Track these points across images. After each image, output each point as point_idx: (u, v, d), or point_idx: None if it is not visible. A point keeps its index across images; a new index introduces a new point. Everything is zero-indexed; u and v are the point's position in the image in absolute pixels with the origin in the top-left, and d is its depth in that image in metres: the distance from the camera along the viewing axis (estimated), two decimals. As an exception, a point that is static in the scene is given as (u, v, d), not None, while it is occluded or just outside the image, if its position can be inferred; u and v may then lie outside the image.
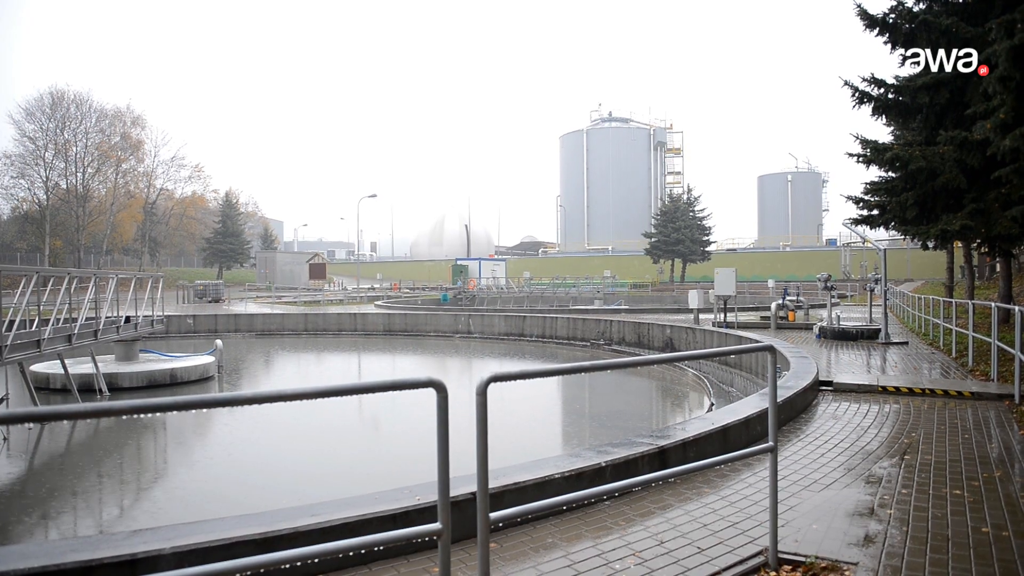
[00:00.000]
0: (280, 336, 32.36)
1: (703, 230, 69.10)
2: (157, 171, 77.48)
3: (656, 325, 24.29)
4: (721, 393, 16.50)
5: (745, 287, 44.19)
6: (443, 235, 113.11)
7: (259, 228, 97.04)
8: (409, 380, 2.65)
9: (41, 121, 67.57)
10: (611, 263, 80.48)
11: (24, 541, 8.41)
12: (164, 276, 25.20)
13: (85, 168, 70.33)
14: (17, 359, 13.01)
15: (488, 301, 46.79)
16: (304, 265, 75.28)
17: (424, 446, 11.77)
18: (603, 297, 45.94)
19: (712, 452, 6.29)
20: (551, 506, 3.46)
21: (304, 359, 26.95)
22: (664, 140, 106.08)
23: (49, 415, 2.26)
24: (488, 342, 29.49)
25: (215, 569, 2.40)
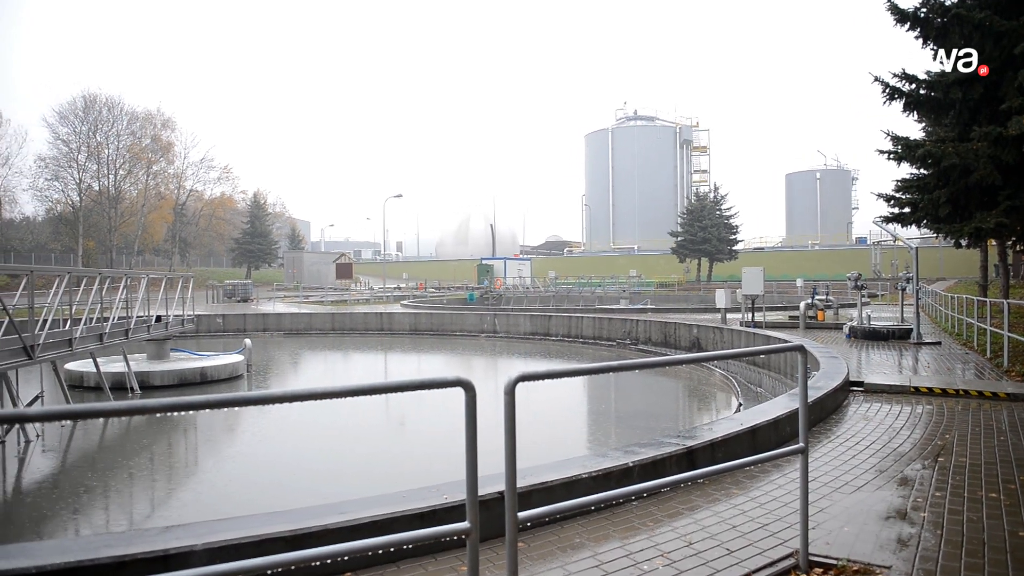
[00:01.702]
0: (308, 335, 32.64)
1: (730, 229, 68.46)
2: (187, 172, 78.62)
3: (683, 325, 24.13)
4: (749, 393, 16.34)
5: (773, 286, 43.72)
6: (468, 235, 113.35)
7: (287, 228, 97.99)
8: (438, 379, 2.66)
9: (74, 124, 68.91)
10: (637, 262, 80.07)
11: (58, 536, 8.58)
12: (194, 276, 25.54)
13: (117, 170, 71.55)
14: (50, 358, 13.26)
15: (514, 301, 46.80)
16: (331, 265, 75.86)
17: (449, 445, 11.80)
18: (629, 296, 45.78)
19: (741, 453, 6.23)
20: (579, 506, 3.45)
21: (331, 358, 27.16)
22: (690, 138, 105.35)
23: (82, 413, 2.30)
24: (514, 341, 29.50)
25: (246, 566, 2.42)
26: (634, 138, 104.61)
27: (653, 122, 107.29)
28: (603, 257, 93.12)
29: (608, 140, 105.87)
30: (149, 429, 13.81)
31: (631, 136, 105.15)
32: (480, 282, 60.78)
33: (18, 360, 11.88)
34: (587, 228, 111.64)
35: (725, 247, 67.56)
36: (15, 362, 11.82)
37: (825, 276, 55.96)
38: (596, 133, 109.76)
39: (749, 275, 21.87)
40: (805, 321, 21.95)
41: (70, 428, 13.67)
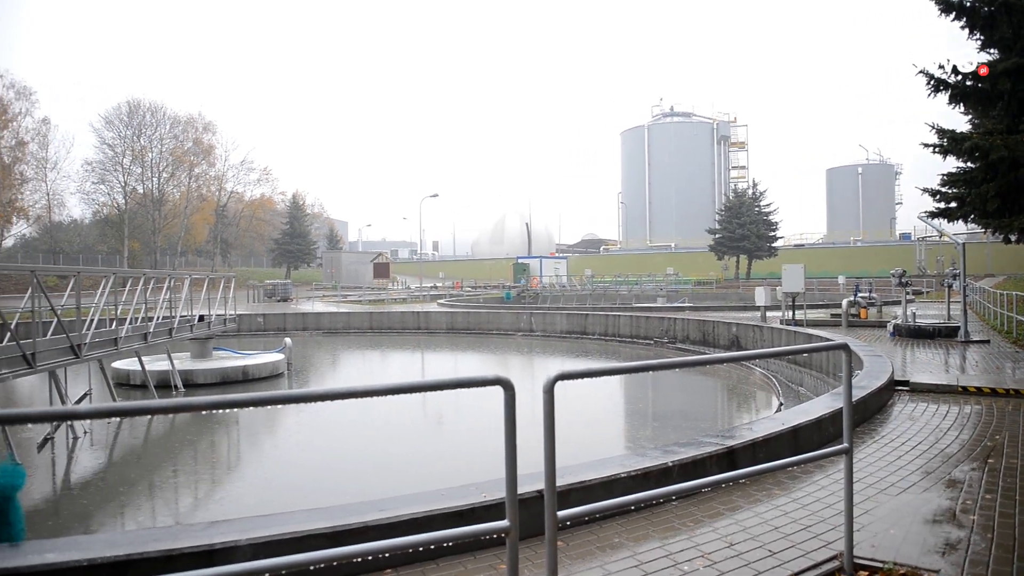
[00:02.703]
0: (346, 334, 32.98)
1: (769, 225, 67.47)
2: (227, 175, 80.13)
3: (721, 323, 23.85)
4: (790, 393, 16.10)
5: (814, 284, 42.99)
6: (504, 234, 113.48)
7: (325, 229, 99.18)
8: (477, 378, 2.66)
9: (119, 129, 70.72)
10: (674, 260, 79.43)
11: (104, 529, 8.79)
12: (235, 276, 25.97)
13: (160, 173, 73.22)
14: (96, 356, 13.60)
15: (550, 299, 46.75)
16: (368, 264, 76.58)
17: (485, 443, 11.85)
18: (666, 294, 45.45)
19: (782, 453, 6.14)
20: (618, 505, 3.42)
21: (369, 357, 27.42)
22: (728, 134, 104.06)
23: (130, 411, 2.35)
24: (550, 340, 29.47)
25: (289, 562, 2.45)
26: (670, 135, 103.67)
27: (690, 118, 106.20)
28: (640, 255, 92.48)
29: (644, 137, 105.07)
30: (193, 426, 14.08)
31: (667, 133, 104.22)
32: (516, 281, 60.85)
33: (66, 359, 12.21)
34: (623, 226, 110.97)
35: (764, 244, 66.61)
36: (63, 361, 12.15)
37: (868, 273, 54.87)
38: (632, 130, 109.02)
39: (790, 272, 21.53)
40: (847, 319, 21.54)
41: (116, 425, 13.99)
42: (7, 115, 62.24)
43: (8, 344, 10.78)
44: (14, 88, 63.14)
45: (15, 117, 63.06)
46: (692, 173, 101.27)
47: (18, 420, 2.52)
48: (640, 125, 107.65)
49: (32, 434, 12.36)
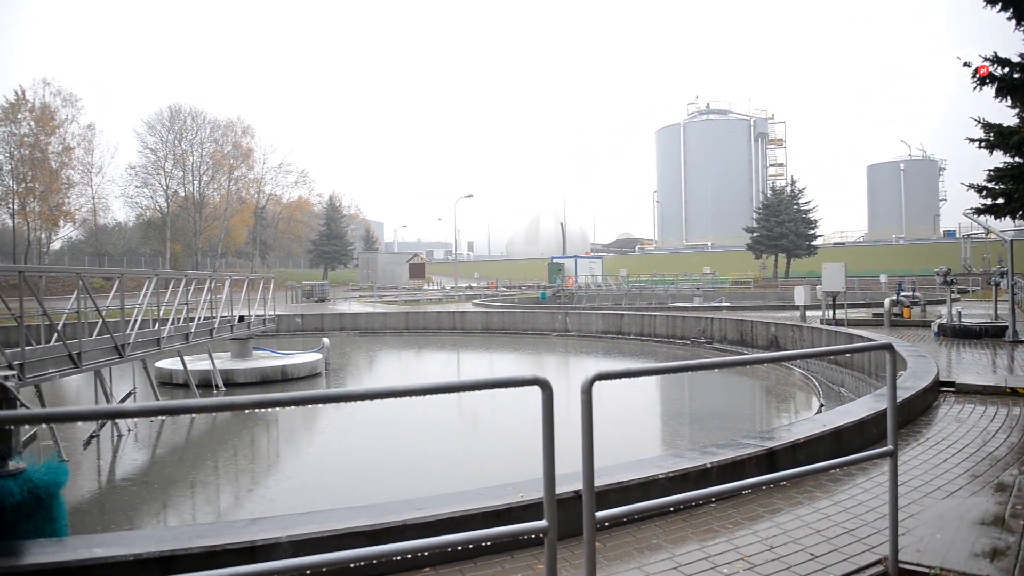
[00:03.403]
0: (382, 334, 33.25)
1: (808, 223, 66.40)
2: (266, 177, 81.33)
3: (760, 323, 23.54)
4: (831, 394, 15.83)
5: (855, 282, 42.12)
6: (538, 233, 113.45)
7: (361, 230, 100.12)
8: (515, 378, 2.66)
9: (161, 133, 72.29)
10: (710, 259, 78.60)
11: (148, 525, 8.98)
12: (274, 277, 26.35)
13: (201, 176, 74.67)
14: (140, 356, 13.91)
15: (586, 299, 46.61)
16: (404, 265, 77.10)
17: (520, 443, 11.84)
18: (703, 294, 45.00)
19: (824, 455, 6.04)
20: (657, 507, 3.40)
21: (405, 357, 27.61)
22: (765, 131, 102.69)
23: (176, 409, 2.40)
24: (585, 340, 29.37)
25: (330, 559, 2.48)
26: (707, 132, 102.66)
27: (726, 115, 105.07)
28: (675, 254, 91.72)
29: (680, 135, 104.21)
30: (233, 424, 14.31)
31: (703, 130, 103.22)
32: (551, 281, 60.74)
33: (111, 358, 12.51)
34: (659, 225, 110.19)
35: (803, 242, 65.57)
36: (108, 360, 12.45)
37: (910, 272, 53.67)
38: (667, 128, 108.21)
39: (830, 271, 21.16)
40: (890, 319, 21.10)
41: (160, 423, 14.29)
42: (54, 121, 63.93)
43: (55, 344, 11.08)
44: (60, 95, 64.85)
45: (62, 123, 64.75)
46: (729, 171, 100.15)
47: (69, 418, 2.58)
48: (676, 123, 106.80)
49: (79, 431, 12.68)
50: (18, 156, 62.08)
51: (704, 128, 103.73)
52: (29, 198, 62.58)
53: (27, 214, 63.22)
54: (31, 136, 62.55)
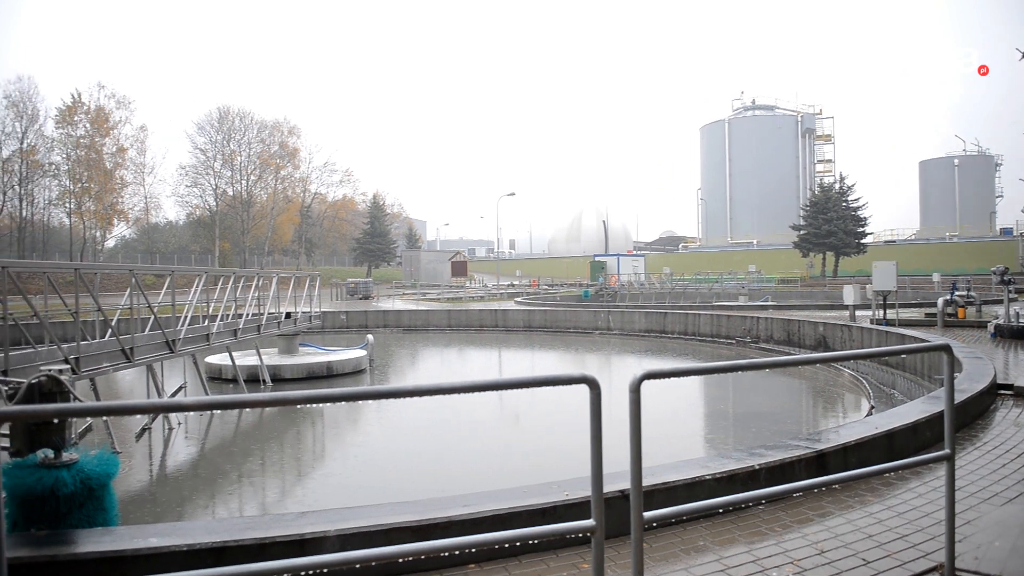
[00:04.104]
0: (425, 331, 33.48)
1: (857, 221, 64.95)
2: (311, 176, 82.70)
3: (807, 322, 23.09)
4: (881, 395, 15.45)
5: (906, 282, 41.10)
6: (581, 231, 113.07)
7: (404, 228, 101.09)
8: (563, 376, 2.65)
9: (210, 134, 74.04)
10: (756, 257, 77.42)
11: (197, 516, 9.18)
12: (320, 275, 26.71)
13: (248, 176, 76.22)
14: (190, 351, 14.24)
15: (629, 298, 46.32)
16: (446, 263, 77.59)
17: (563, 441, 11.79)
18: (748, 293, 44.37)
19: (876, 458, 5.89)
20: (706, 508, 3.36)
21: (448, 354, 27.76)
22: (813, 126, 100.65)
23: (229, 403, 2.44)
24: (628, 339, 29.16)
25: (378, 554, 2.50)
26: (752, 128, 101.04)
27: (772, 111, 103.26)
28: (720, 252, 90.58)
29: (724, 131, 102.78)
30: (280, 419, 14.55)
31: (749, 126, 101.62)
32: (594, 279, 60.48)
33: (162, 353, 12.84)
34: (703, 223, 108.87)
35: (852, 240, 64.18)
36: (159, 355, 12.78)
37: (964, 271, 52.13)
38: (712, 125, 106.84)
39: (880, 270, 20.66)
40: (944, 319, 20.51)
41: (209, 416, 14.59)
42: (108, 123, 65.91)
43: (109, 339, 11.41)
44: (115, 98, 66.83)
45: (116, 125, 66.76)
46: (775, 167, 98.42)
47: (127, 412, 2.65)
48: (720, 119, 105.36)
49: (132, 424, 13.02)
50: (74, 157, 64.16)
51: (749, 124, 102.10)
52: (85, 198, 64.64)
53: (83, 213, 65.32)
54: (87, 138, 64.58)
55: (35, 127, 62.38)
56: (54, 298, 11.64)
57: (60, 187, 65.72)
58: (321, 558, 2.35)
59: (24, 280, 12.27)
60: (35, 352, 9.87)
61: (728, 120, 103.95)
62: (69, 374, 9.40)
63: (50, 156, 64.50)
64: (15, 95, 61.05)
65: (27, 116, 61.44)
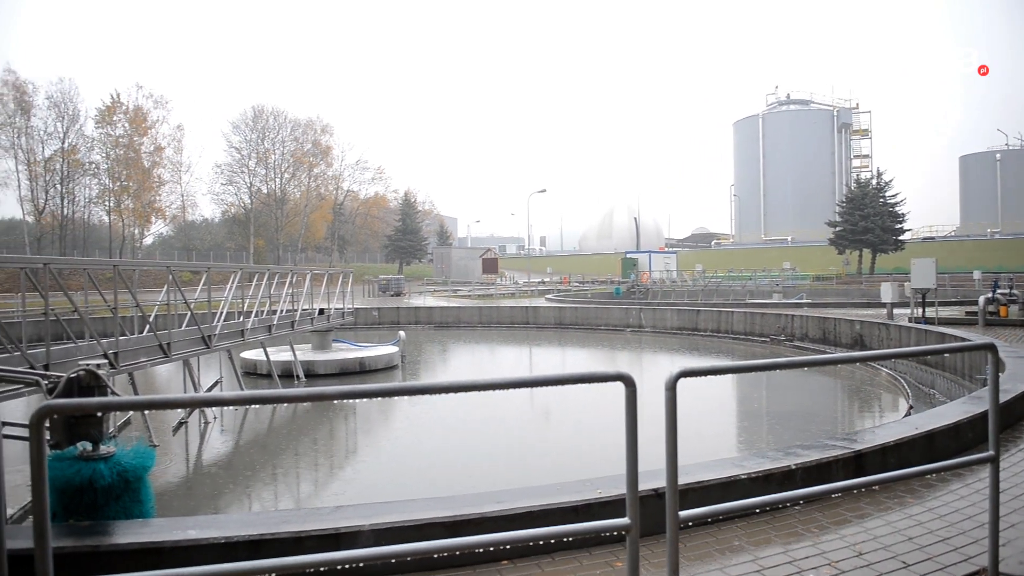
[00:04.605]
0: (456, 328, 33.59)
1: (895, 217, 63.75)
2: (344, 174, 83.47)
3: (844, 320, 22.72)
4: (921, 395, 15.16)
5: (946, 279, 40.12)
6: (612, 228, 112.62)
7: (435, 225, 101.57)
8: (599, 374, 2.64)
9: (245, 133, 75.11)
10: (790, 254, 76.46)
11: (231, 509, 9.32)
12: (352, 272, 26.94)
13: (282, 174, 77.19)
14: (225, 347, 14.45)
15: (660, 295, 46.01)
16: (477, 260, 77.77)
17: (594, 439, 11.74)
18: (783, 290, 43.82)
19: (916, 459, 5.77)
20: (742, 508, 3.32)
21: (479, 351, 27.84)
22: (849, 121, 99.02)
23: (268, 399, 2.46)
24: (660, 336, 28.96)
25: (412, 548, 2.51)
26: (787, 123, 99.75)
27: (807, 106, 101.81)
28: (754, 249, 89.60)
29: (758, 127, 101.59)
30: (313, 414, 14.71)
31: (783, 121, 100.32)
32: (626, 276, 60.19)
33: (198, 349, 13.05)
34: (736, 219, 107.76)
35: (889, 237, 63.01)
36: (195, 350, 12.98)
37: (1006, 268, 50.90)
38: (745, 120, 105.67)
39: (919, 267, 20.25)
40: (985, 317, 20.04)
41: (244, 411, 14.78)
42: (146, 123, 67.17)
43: (147, 334, 11.63)
44: (152, 98, 68.12)
45: (153, 125, 68.03)
46: (810, 163, 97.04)
47: (167, 406, 2.69)
48: (754, 114, 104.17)
49: (169, 418, 13.25)
50: (114, 156, 65.53)
51: (784, 119, 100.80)
52: (124, 196, 66.02)
53: (122, 211, 66.72)
54: (125, 137, 65.91)
55: (76, 127, 63.82)
56: (94, 294, 11.89)
57: (100, 185, 67.23)
58: (357, 552, 2.36)
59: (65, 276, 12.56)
60: (75, 347, 10.07)
61: (762, 115, 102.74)
62: (107, 368, 9.61)
63: (90, 155, 66.01)
64: (56, 96, 62.52)
65: (68, 116, 62.87)
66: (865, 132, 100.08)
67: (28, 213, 63.36)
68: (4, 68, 59.55)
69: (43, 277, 8.87)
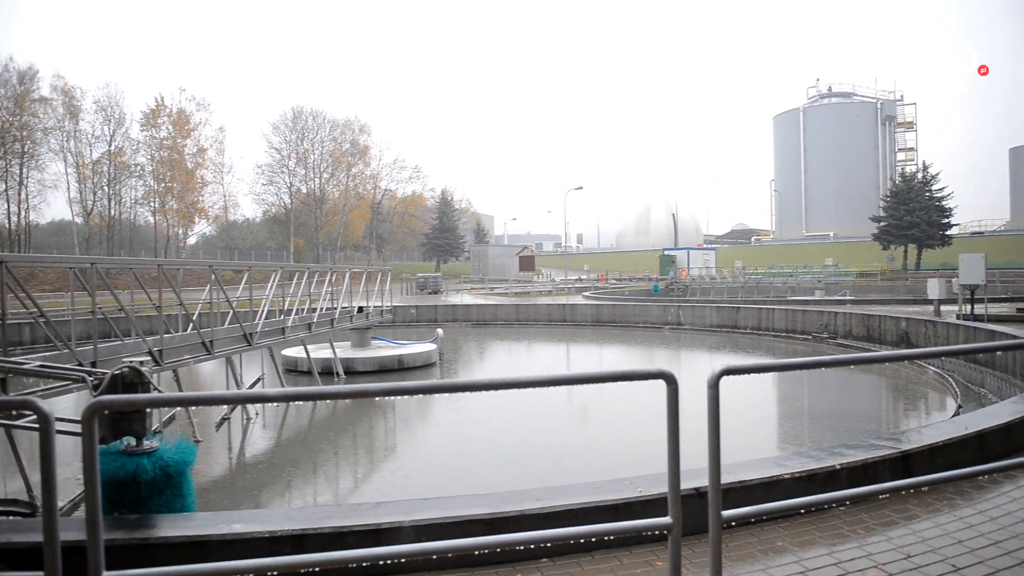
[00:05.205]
0: (493, 326, 33.65)
1: (942, 211, 62.15)
2: (382, 173, 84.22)
3: (888, 317, 22.23)
4: (969, 394, 14.77)
5: (995, 275, 39.11)
6: (649, 225, 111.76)
7: (472, 223, 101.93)
8: (640, 371, 2.61)
9: (285, 134, 76.23)
10: (832, 250, 75.00)
11: (273, 504, 9.45)
12: (391, 270, 27.14)
13: (321, 174, 78.17)
14: (267, 344, 14.68)
15: (699, 292, 45.56)
16: (514, 257, 77.80)
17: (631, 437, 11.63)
18: (825, 287, 43.10)
19: (965, 460, 5.61)
20: (787, 508, 3.27)
21: (516, 348, 27.85)
22: (893, 113, 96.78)
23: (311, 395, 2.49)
24: (699, 334, 28.67)
25: (453, 545, 2.52)
26: (828, 116, 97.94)
27: (850, 98, 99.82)
28: (795, 245, 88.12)
29: (799, 120, 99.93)
30: (352, 410, 14.85)
31: (825, 115, 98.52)
32: (664, 273, 59.66)
33: (240, 346, 13.28)
34: (776, 215, 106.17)
35: (936, 232, 61.48)
36: (237, 348, 13.22)
37: (1060, 263, 49.31)
38: (785, 114, 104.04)
39: (968, 262, 19.74)
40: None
41: (284, 408, 14.98)
42: (189, 125, 68.57)
43: (191, 332, 11.88)
44: (194, 100, 69.61)
45: (196, 127, 69.43)
46: (853, 157, 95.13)
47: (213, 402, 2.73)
48: (795, 108, 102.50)
49: (212, 414, 13.50)
50: (158, 158, 67.05)
51: (825, 112, 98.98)
52: (168, 197, 67.52)
53: (166, 212, 68.25)
54: (169, 139, 67.40)
55: (122, 130, 65.49)
56: (140, 293, 12.18)
57: (145, 187, 68.83)
58: (398, 548, 2.38)
59: (112, 276, 12.88)
60: (122, 344, 10.34)
61: (803, 108, 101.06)
62: (151, 365, 9.84)
63: (136, 157, 67.63)
64: (103, 100, 64.23)
65: (114, 120, 64.54)
66: (910, 124, 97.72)
67: (77, 214, 65.18)
68: (54, 74, 61.42)
69: (91, 277, 9.12)
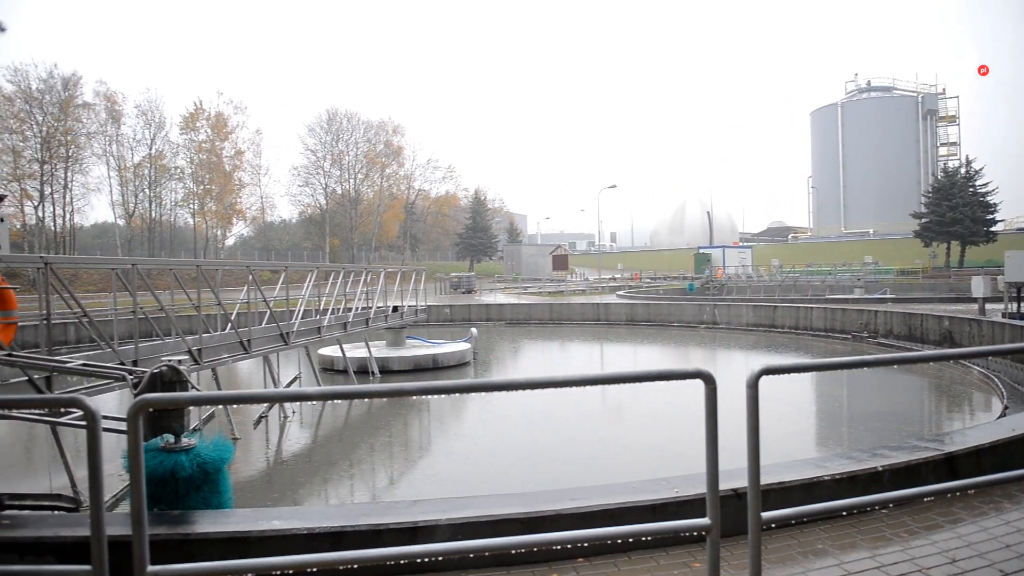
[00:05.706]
0: (527, 325, 33.65)
1: (986, 207, 60.62)
2: (415, 174, 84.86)
3: (931, 316, 21.76)
4: (1016, 395, 14.39)
5: (1042, 272, 38.10)
6: (684, 222, 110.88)
7: (505, 223, 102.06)
8: (677, 371, 2.59)
9: (320, 135, 77.15)
10: (872, 248, 73.65)
11: (310, 501, 9.57)
12: (425, 269, 27.29)
13: (356, 174, 78.97)
14: (303, 344, 14.87)
15: (735, 290, 45.07)
16: (547, 257, 77.71)
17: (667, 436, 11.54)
18: (864, 285, 42.34)
19: (1014, 463, 5.47)
20: (828, 510, 3.22)
21: (550, 348, 27.81)
22: (935, 107, 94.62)
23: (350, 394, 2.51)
24: (735, 333, 28.36)
25: (490, 544, 2.52)
26: (867, 111, 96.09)
27: (890, 92, 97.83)
28: (833, 243, 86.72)
29: (837, 116, 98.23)
30: (387, 409, 14.95)
31: (864, 109, 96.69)
32: (699, 271, 59.14)
33: (277, 345, 13.46)
34: (814, 212, 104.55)
35: (980, 228, 59.97)
36: (274, 347, 13.40)
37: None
38: (823, 109, 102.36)
39: (1014, 259, 19.23)
40: (1087, 312, 18.91)
41: (321, 406, 15.14)
42: (227, 128, 69.76)
43: (229, 332, 12.08)
44: (232, 104, 70.79)
45: (233, 130, 70.60)
46: (893, 152, 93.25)
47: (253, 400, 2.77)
48: (832, 103, 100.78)
49: (250, 412, 13.70)
50: (197, 161, 68.34)
51: (864, 107, 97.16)
52: (207, 199, 68.77)
53: (205, 213, 69.51)
54: (208, 142, 68.62)
55: (162, 134, 66.83)
56: (179, 293, 12.41)
57: (185, 189, 70.20)
58: (435, 546, 2.39)
59: (153, 277, 13.15)
60: (162, 343, 10.54)
61: (841, 103, 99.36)
62: (190, 364, 10.03)
63: (175, 160, 69.00)
64: (144, 104, 65.61)
65: (155, 124, 65.87)
66: (952, 119, 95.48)
67: (119, 217, 66.78)
68: (96, 80, 62.88)
69: (132, 277, 9.32)
